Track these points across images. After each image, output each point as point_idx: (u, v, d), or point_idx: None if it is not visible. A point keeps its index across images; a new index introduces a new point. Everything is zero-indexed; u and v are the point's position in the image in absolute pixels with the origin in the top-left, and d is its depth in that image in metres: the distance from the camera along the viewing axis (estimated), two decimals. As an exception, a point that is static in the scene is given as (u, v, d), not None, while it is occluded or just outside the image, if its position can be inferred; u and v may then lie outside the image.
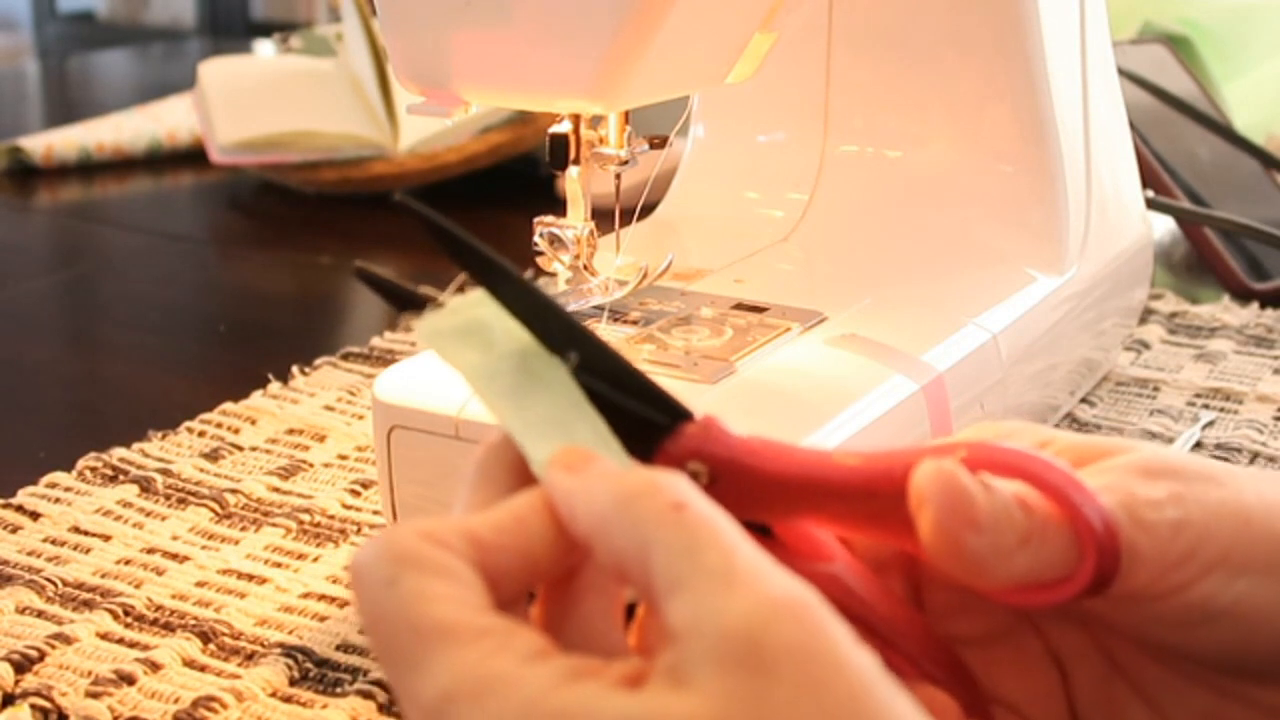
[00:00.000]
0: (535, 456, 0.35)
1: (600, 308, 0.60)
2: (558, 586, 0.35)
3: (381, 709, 0.49)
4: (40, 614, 0.55)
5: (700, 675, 0.29)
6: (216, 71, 1.24)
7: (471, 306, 0.37)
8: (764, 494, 0.36)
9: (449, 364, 0.36)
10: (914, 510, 0.34)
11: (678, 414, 0.36)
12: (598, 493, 0.32)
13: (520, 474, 0.35)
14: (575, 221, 0.59)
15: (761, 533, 0.37)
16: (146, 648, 0.52)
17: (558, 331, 0.36)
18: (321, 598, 0.56)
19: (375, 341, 0.83)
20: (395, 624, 0.31)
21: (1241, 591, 0.35)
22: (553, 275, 0.60)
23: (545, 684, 0.29)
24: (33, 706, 0.49)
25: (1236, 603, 0.35)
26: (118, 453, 0.68)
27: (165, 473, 0.66)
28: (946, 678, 0.36)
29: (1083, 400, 0.74)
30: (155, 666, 0.51)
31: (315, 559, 0.59)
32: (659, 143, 0.61)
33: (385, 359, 0.80)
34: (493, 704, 0.29)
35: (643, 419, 0.36)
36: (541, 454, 0.34)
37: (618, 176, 0.59)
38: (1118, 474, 0.36)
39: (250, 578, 0.58)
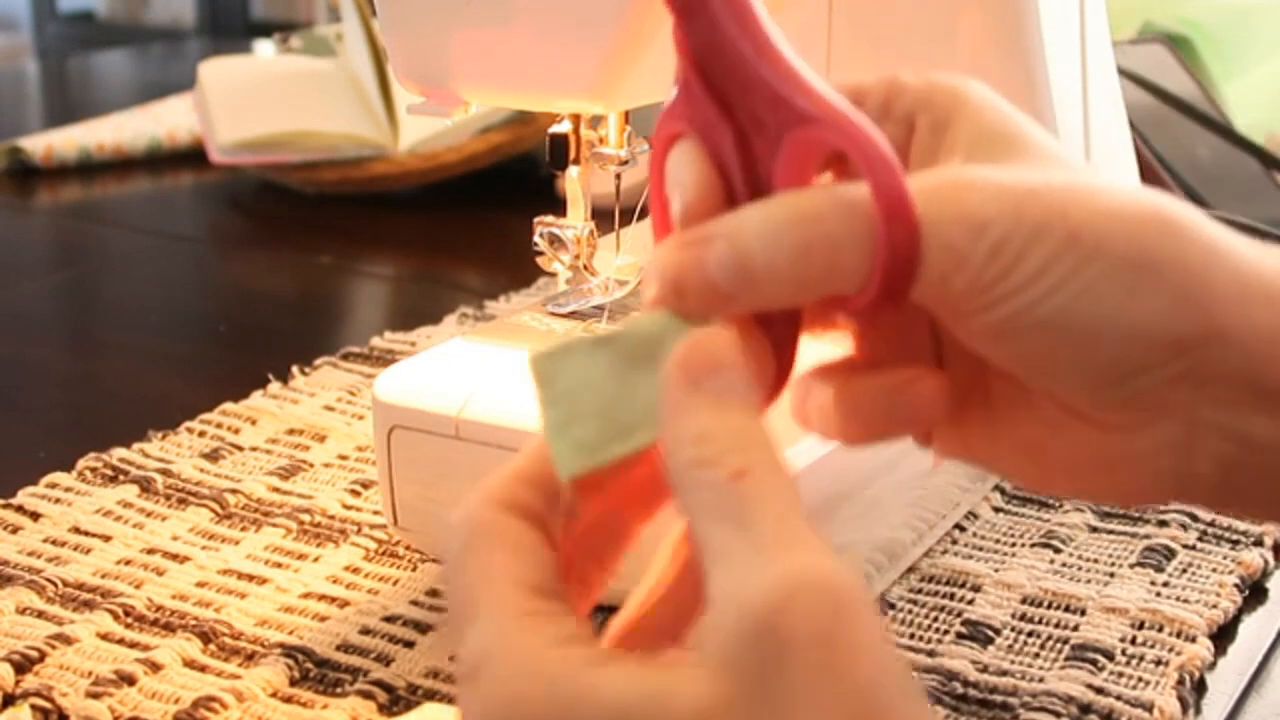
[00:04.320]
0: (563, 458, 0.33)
1: (600, 308, 0.60)
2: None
3: (381, 709, 0.49)
4: (40, 614, 0.55)
5: (718, 656, 0.28)
6: (216, 71, 1.24)
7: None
8: None
9: (534, 380, 0.34)
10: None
11: None
12: (674, 445, 0.32)
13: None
14: (575, 221, 0.59)
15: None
16: (147, 648, 0.52)
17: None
18: (321, 598, 0.56)
19: (375, 341, 0.83)
20: (455, 585, 0.32)
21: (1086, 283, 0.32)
22: (553, 275, 0.61)
23: (569, 667, 0.30)
24: (33, 707, 0.49)
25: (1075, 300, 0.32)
26: (118, 453, 0.68)
27: (165, 473, 0.66)
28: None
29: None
30: (155, 667, 0.51)
31: (315, 559, 0.59)
32: (659, 143, 0.61)
33: (385, 359, 0.80)
34: (515, 682, 0.30)
35: None
36: (567, 459, 0.33)
37: (618, 176, 0.59)
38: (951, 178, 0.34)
39: (250, 578, 0.58)
